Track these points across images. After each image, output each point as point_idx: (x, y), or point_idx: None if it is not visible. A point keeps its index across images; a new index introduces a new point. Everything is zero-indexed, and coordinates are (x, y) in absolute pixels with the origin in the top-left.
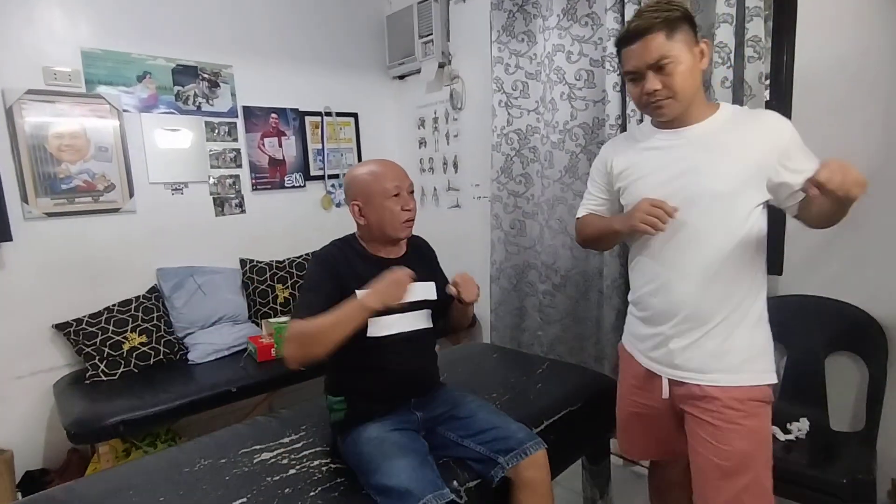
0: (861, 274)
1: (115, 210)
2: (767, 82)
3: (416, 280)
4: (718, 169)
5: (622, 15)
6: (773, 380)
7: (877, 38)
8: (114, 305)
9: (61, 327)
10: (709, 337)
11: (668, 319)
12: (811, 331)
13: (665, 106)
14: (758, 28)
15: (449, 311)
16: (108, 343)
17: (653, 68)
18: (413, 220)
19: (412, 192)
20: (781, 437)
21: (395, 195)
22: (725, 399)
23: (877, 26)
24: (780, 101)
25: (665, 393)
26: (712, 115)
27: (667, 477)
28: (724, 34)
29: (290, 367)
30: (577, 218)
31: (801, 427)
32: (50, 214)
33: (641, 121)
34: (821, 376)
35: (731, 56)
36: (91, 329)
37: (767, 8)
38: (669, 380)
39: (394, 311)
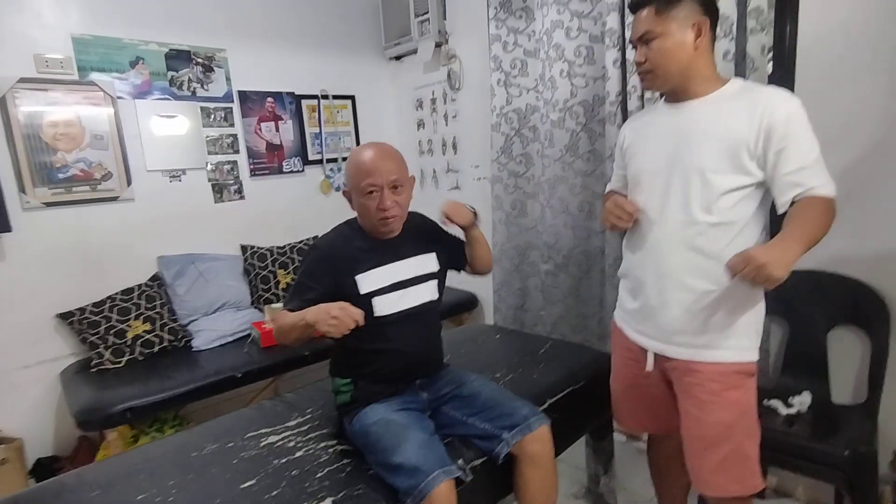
0: (862, 247)
1: (114, 198)
2: (770, 54)
3: (411, 256)
4: (702, 144)
5: None
6: (754, 357)
7: (878, 5)
8: (116, 294)
9: (65, 317)
10: (691, 312)
11: (652, 290)
12: (813, 305)
13: (647, 79)
14: None
15: (466, 254)
16: (112, 331)
17: (640, 41)
18: (391, 218)
19: (397, 186)
20: (783, 410)
21: (371, 192)
22: (708, 373)
23: None
24: (784, 73)
25: (650, 366)
26: (715, 91)
27: (664, 451)
28: (727, 6)
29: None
30: (604, 194)
31: (802, 401)
32: (48, 204)
33: (642, 97)
34: (822, 350)
35: (734, 28)
36: (94, 318)
37: None
38: (655, 353)
39: (396, 288)
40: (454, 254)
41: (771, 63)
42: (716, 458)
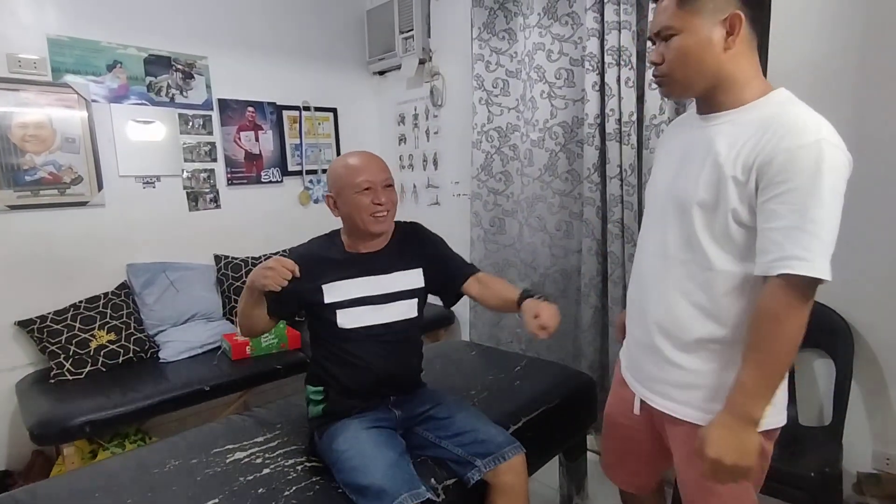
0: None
1: (83, 203)
2: None
3: (391, 271)
4: (701, 170)
5: (601, 15)
6: (768, 425)
7: (844, 42)
8: (80, 302)
9: (24, 324)
10: (670, 361)
11: (637, 329)
12: None
13: (663, 84)
14: None
15: (485, 291)
16: (73, 341)
17: (659, 37)
18: (385, 214)
19: (389, 185)
20: None
21: (366, 189)
22: (687, 432)
23: (844, 30)
24: None
25: (636, 409)
26: (748, 103)
27: None
28: None
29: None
30: None
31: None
32: (13, 207)
33: (620, 120)
34: (790, 373)
35: None
36: (56, 326)
37: None
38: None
39: (364, 303)
40: (448, 287)
41: None
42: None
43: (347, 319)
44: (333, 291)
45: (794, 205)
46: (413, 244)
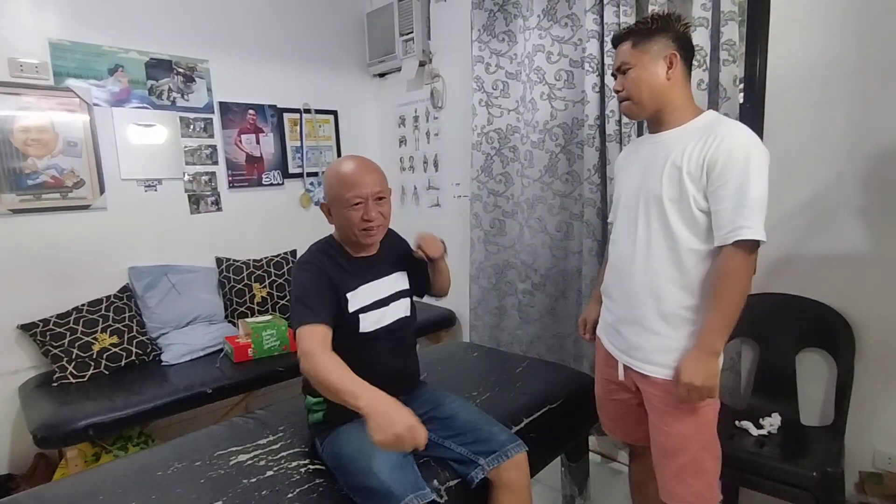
0: (831, 273)
1: (85, 207)
2: (741, 85)
3: (388, 273)
4: (663, 172)
5: (601, 17)
6: None
7: (844, 44)
8: (83, 305)
9: (27, 328)
10: (651, 330)
11: (619, 307)
12: (783, 328)
13: (625, 107)
14: (732, 32)
15: (429, 278)
16: (76, 344)
17: (619, 71)
18: (374, 229)
19: (381, 197)
20: (754, 431)
21: (356, 204)
22: (667, 386)
23: (844, 33)
24: (754, 103)
25: (621, 375)
26: (688, 122)
27: (644, 464)
28: (700, 38)
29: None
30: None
31: (772, 422)
32: (15, 211)
33: (620, 121)
34: (792, 372)
35: (707, 59)
36: (59, 330)
37: (742, 13)
38: (624, 365)
39: (378, 305)
40: (420, 278)
41: (742, 93)
42: (674, 468)
43: (367, 323)
44: (356, 298)
45: (735, 190)
46: (396, 250)
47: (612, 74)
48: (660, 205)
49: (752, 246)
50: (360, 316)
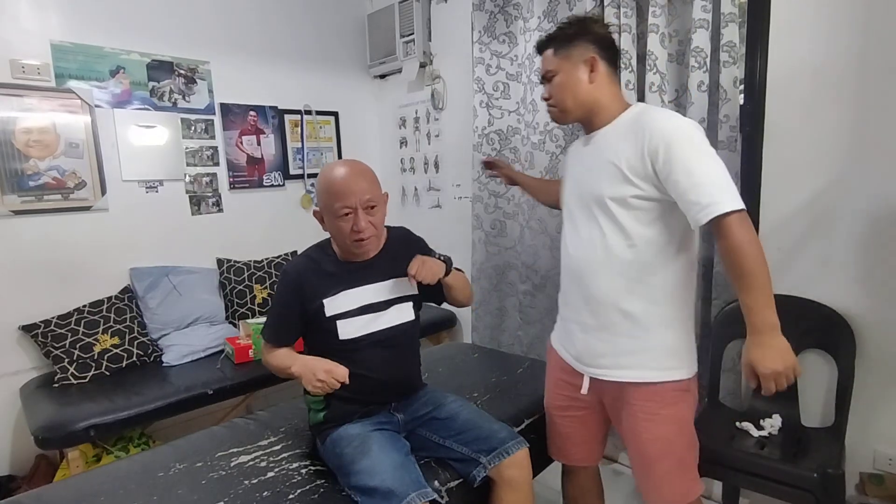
0: (830, 274)
1: (87, 208)
2: (741, 86)
3: (386, 278)
4: (602, 171)
5: (601, 18)
6: (685, 376)
7: (844, 45)
8: (84, 306)
9: (28, 329)
10: (619, 334)
11: (579, 314)
12: (783, 329)
13: (552, 113)
14: (732, 34)
15: (443, 290)
16: (77, 345)
17: (545, 79)
18: (366, 239)
19: (372, 205)
20: (755, 433)
21: (345, 214)
22: (643, 392)
23: (844, 34)
24: (754, 104)
25: (584, 388)
26: (614, 120)
27: (580, 483)
28: (701, 39)
29: None
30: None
31: (773, 423)
32: (17, 212)
33: None
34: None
35: (707, 60)
36: (60, 331)
37: (742, 14)
38: (591, 377)
39: (364, 312)
40: (431, 287)
41: (742, 95)
42: (661, 472)
43: (348, 330)
44: (334, 304)
45: (686, 170)
46: (403, 250)
47: (540, 81)
48: (605, 205)
49: (735, 218)
50: (338, 322)
